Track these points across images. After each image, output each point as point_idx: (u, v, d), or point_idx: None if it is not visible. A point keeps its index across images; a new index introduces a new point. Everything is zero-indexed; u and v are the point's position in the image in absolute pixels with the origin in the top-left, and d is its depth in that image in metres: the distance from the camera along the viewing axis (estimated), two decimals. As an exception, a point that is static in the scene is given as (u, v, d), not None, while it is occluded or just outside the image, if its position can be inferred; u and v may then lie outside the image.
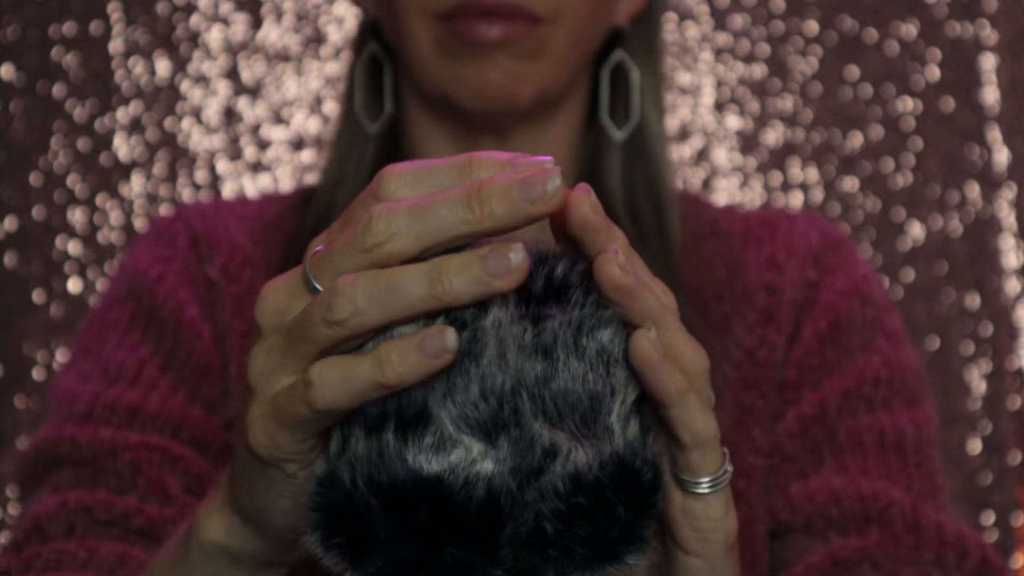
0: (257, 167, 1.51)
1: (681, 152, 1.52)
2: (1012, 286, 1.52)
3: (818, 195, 1.52)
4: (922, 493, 0.87)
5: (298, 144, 1.51)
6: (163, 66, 1.51)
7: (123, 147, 1.50)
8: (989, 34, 1.53)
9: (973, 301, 1.52)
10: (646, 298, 0.54)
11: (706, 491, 0.57)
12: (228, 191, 1.50)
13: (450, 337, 0.52)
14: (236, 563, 0.63)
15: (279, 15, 1.52)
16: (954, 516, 0.87)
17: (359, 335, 0.53)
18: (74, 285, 1.49)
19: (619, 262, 0.53)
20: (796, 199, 1.52)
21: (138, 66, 1.51)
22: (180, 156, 1.50)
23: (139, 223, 1.49)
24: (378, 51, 0.95)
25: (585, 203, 0.54)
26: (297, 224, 0.95)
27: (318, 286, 0.54)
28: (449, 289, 0.51)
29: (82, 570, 0.79)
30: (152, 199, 1.49)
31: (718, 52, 1.53)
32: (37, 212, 1.49)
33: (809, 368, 0.90)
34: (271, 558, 0.63)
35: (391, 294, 0.52)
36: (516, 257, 0.52)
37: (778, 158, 1.52)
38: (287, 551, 0.62)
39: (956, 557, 0.83)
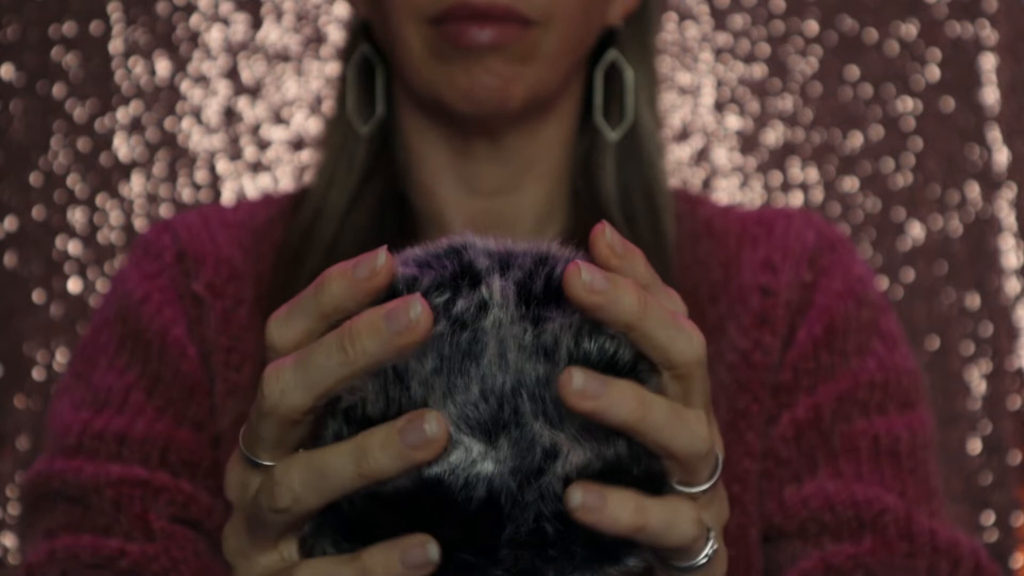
0: (257, 167, 1.51)
1: (681, 152, 1.52)
2: (1012, 286, 1.52)
3: (818, 195, 1.52)
4: (916, 499, 0.86)
5: (298, 144, 1.51)
6: (163, 66, 1.51)
7: (123, 147, 1.50)
8: (989, 34, 1.53)
9: (973, 301, 1.52)
10: (620, 302, 0.54)
11: (679, 571, 0.58)
12: (228, 191, 1.50)
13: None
14: None
15: (279, 15, 1.52)
16: (948, 521, 0.87)
17: (306, 516, 0.55)
18: (74, 285, 1.49)
19: (584, 280, 0.53)
20: (796, 199, 1.52)
21: (138, 66, 1.51)
22: (180, 156, 1.50)
23: (139, 223, 1.49)
24: (370, 52, 0.95)
25: (601, 240, 0.55)
26: (286, 230, 0.95)
27: (256, 459, 0.56)
28: (375, 466, 0.53)
29: None
30: (152, 199, 1.49)
31: (718, 52, 1.53)
32: (37, 212, 1.49)
33: (804, 371, 0.90)
34: None
35: (323, 479, 0.54)
36: (430, 428, 0.52)
37: (778, 158, 1.52)
38: None
39: (949, 565, 0.83)
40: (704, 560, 0.57)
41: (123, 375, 0.89)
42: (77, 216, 1.49)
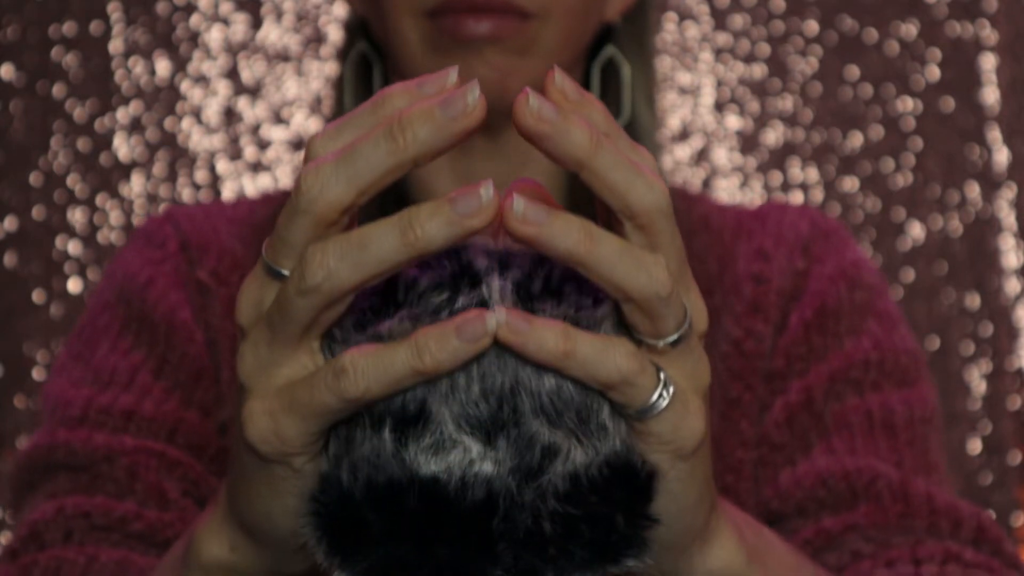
0: (257, 167, 1.51)
1: (681, 152, 1.52)
2: (1012, 286, 1.52)
3: (818, 195, 1.52)
4: (914, 469, 0.85)
5: (298, 144, 1.51)
6: (163, 66, 1.51)
7: (123, 147, 1.50)
8: (989, 34, 1.53)
9: (973, 301, 1.52)
10: (570, 135, 0.51)
11: (635, 419, 0.54)
12: (228, 191, 1.50)
13: (490, 320, 0.51)
14: None
15: (279, 15, 1.52)
16: (949, 489, 0.85)
17: (336, 299, 0.51)
18: (74, 285, 1.49)
19: (532, 106, 0.50)
20: (796, 199, 1.52)
21: (138, 66, 1.51)
22: (180, 156, 1.50)
23: (139, 223, 1.49)
24: (367, 50, 0.95)
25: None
26: None
27: (278, 268, 0.53)
28: (421, 235, 0.50)
29: None
30: (152, 199, 1.50)
31: (718, 52, 1.53)
32: (37, 212, 1.49)
33: (796, 357, 0.89)
34: (277, 572, 0.61)
35: (362, 249, 0.50)
36: (486, 193, 0.50)
37: (778, 158, 1.52)
38: (293, 562, 0.60)
39: (950, 525, 0.82)
40: (659, 403, 0.53)
41: (128, 356, 0.88)
42: (77, 216, 1.49)
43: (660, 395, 0.53)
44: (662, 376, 0.54)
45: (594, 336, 0.52)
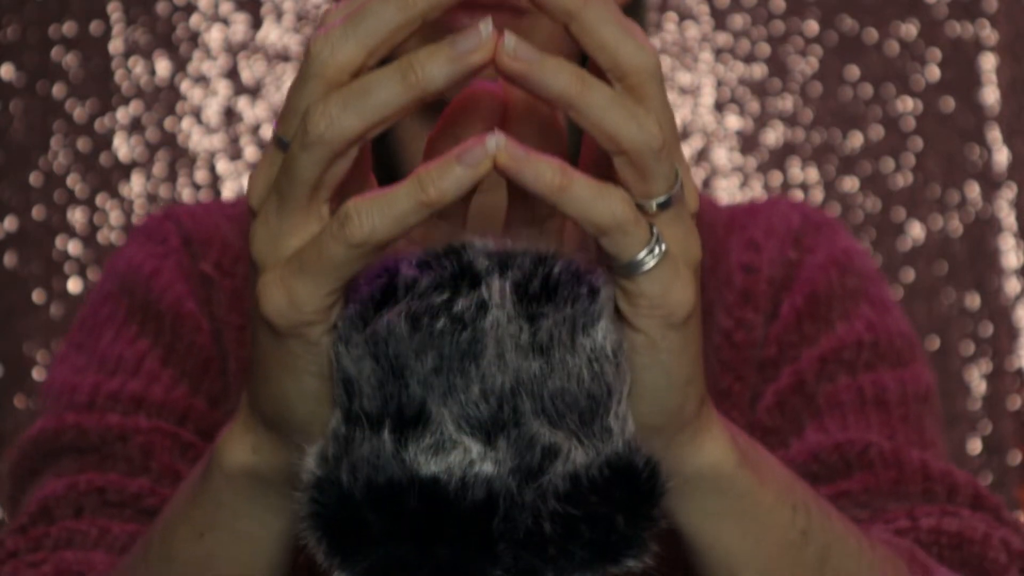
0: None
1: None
2: (1012, 286, 1.52)
3: (818, 195, 1.52)
4: (908, 442, 0.84)
5: (298, 144, 1.51)
6: (163, 66, 1.51)
7: (123, 147, 1.50)
8: (989, 34, 1.53)
9: (973, 301, 1.52)
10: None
11: (625, 275, 0.54)
12: (228, 191, 1.50)
13: (490, 142, 0.51)
14: (263, 486, 0.60)
15: (279, 15, 1.52)
16: (946, 461, 0.84)
17: (340, 150, 0.51)
18: (74, 285, 1.49)
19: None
20: (796, 199, 1.52)
21: (138, 66, 1.51)
22: (180, 156, 1.50)
23: (138, 222, 1.49)
24: None
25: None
26: None
27: (288, 140, 0.53)
28: (423, 75, 0.50)
29: (93, 548, 0.77)
30: (152, 199, 1.50)
31: (718, 52, 1.53)
32: (37, 212, 1.49)
33: (788, 344, 0.89)
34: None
35: (364, 95, 0.50)
36: (485, 29, 0.50)
37: (778, 158, 1.52)
38: None
39: (945, 491, 0.81)
40: (649, 259, 0.53)
41: (134, 344, 0.87)
42: (77, 216, 1.49)
43: (652, 250, 0.53)
44: (655, 231, 0.53)
45: (591, 179, 0.52)
